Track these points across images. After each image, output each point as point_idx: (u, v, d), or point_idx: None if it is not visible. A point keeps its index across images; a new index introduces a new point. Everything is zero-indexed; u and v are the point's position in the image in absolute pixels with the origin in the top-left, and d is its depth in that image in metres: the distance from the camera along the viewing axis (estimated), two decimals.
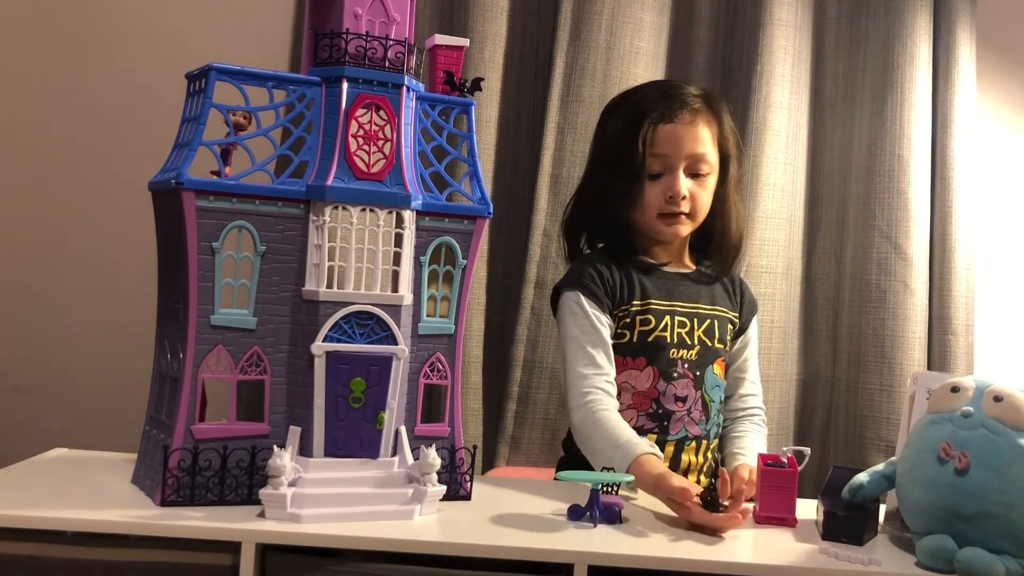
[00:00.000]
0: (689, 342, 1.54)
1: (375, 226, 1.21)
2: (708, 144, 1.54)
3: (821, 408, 2.10)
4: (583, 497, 1.23)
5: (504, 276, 2.00)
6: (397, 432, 1.23)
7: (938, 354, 2.02)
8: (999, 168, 2.16)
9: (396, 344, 1.22)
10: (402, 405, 1.25)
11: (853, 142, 2.08)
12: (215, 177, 1.20)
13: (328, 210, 1.19)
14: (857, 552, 1.14)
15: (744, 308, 1.63)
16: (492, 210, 1.33)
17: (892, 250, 2.01)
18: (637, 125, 1.51)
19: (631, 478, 1.30)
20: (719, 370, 1.58)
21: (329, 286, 1.19)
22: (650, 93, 1.57)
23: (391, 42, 1.22)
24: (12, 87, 2.01)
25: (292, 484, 1.14)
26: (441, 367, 1.30)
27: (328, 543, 1.09)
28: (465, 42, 1.34)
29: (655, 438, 1.49)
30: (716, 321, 1.57)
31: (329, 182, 1.19)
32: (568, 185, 1.93)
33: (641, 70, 1.98)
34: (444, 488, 1.21)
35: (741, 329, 1.63)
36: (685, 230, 1.56)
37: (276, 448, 1.15)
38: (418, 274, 1.27)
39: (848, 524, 1.21)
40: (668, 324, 1.53)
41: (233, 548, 1.08)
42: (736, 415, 1.61)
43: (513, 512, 1.24)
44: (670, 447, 1.51)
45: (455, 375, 1.31)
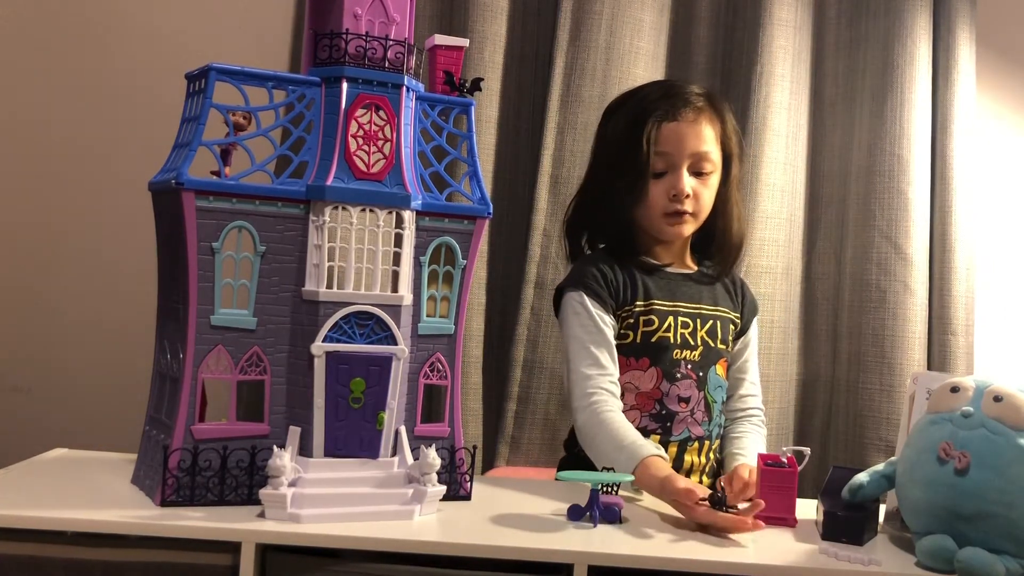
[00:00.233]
0: (692, 343, 1.54)
1: (375, 226, 1.21)
2: (711, 143, 1.54)
3: (821, 408, 2.10)
4: (583, 497, 1.23)
5: (504, 276, 2.00)
6: (397, 432, 1.23)
7: (938, 354, 2.02)
8: (999, 168, 2.16)
9: (396, 344, 1.22)
10: (402, 405, 1.25)
11: (853, 142, 2.08)
12: (215, 177, 1.20)
13: (328, 210, 1.19)
14: (857, 552, 1.14)
15: (745, 309, 1.63)
16: (492, 210, 1.32)
17: (892, 250, 2.01)
18: (641, 124, 1.51)
19: (631, 478, 1.30)
20: (721, 371, 1.58)
21: (329, 286, 1.19)
22: (652, 92, 1.56)
23: (391, 42, 1.22)
24: (12, 87, 2.01)
25: (292, 484, 1.14)
26: (441, 367, 1.30)
27: (328, 543, 1.09)
28: (465, 42, 1.34)
29: (658, 439, 1.49)
30: (719, 322, 1.57)
31: (329, 182, 1.19)
32: (568, 185, 1.93)
33: (641, 70, 1.98)
34: (444, 488, 1.21)
35: (742, 330, 1.63)
36: (688, 230, 1.55)
37: (276, 448, 1.15)
38: (418, 274, 1.27)
39: (848, 524, 1.21)
40: (671, 325, 1.53)
41: (233, 548, 1.08)
42: (736, 415, 1.61)
43: (513, 512, 1.24)
44: (673, 448, 1.50)
45: (455, 375, 1.31)
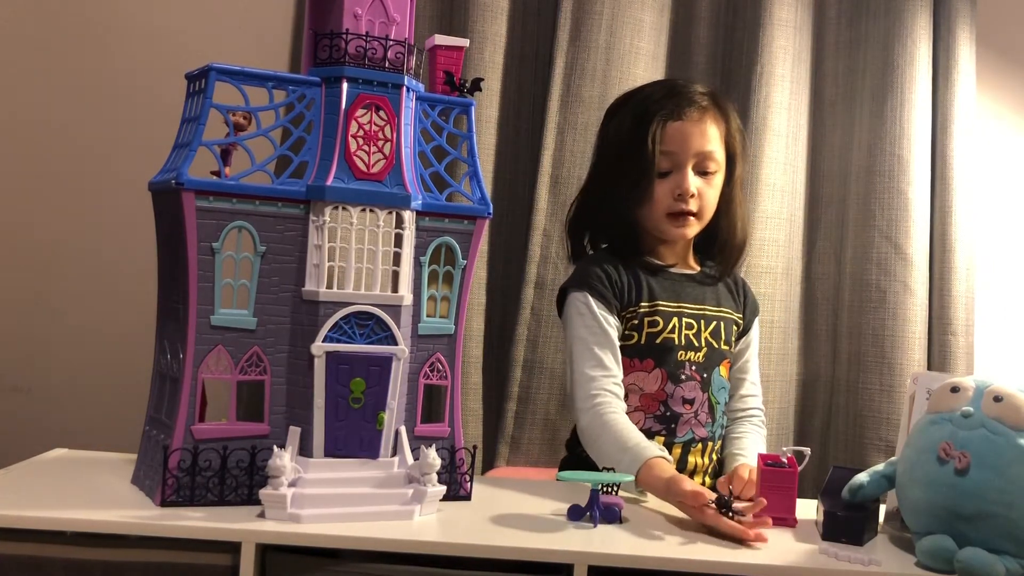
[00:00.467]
0: (697, 344, 1.53)
1: (375, 226, 1.21)
2: (716, 142, 1.53)
3: (821, 408, 2.10)
4: (583, 497, 1.23)
5: (504, 276, 2.00)
6: (397, 432, 1.23)
7: (938, 354, 2.02)
8: (999, 168, 2.16)
9: (396, 344, 1.22)
10: (402, 405, 1.25)
11: (853, 142, 2.08)
12: (215, 177, 1.20)
13: (328, 210, 1.19)
14: (857, 552, 1.14)
15: (747, 309, 1.63)
16: (492, 210, 1.32)
17: (892, 250, 2.01)
18: (645, 123, 1.50)
19: (630, 478, 1.30)
20: (724, 372, 1.57)
21: (329, 286, 1.19)
22: (656, 92, 1.56)
23: (391, 42, 1.22)
24: (12, 87, 2.01)
25: (292, 484, 1.14)
26: (441, 367, 1.30)
27: (328, 543, 1.09)
28: (465, 42, 1.34)
29: (662, 440, 1.48)
30: (722, 323, 1.57)
31: (329, 182, 1.18)
32: (568, 185, 1.93)
33: (641, 70, 1.98)
34: (444, 488, 1.21)
35: (744, 330, 1.62)
36: (692, 231, 1.55)
37: (276, 448, 1.15)
38: (418, 274, 1.27)
39: (848, 524, 1.21)
40: (676, 326, 1.52)
41: (233, 548, 1.08)
42: (736, 416, 1.61)
43: (513, 512, 1.24)
44: (677, 449, 1.50)
45: (455, 375, 1.31)
